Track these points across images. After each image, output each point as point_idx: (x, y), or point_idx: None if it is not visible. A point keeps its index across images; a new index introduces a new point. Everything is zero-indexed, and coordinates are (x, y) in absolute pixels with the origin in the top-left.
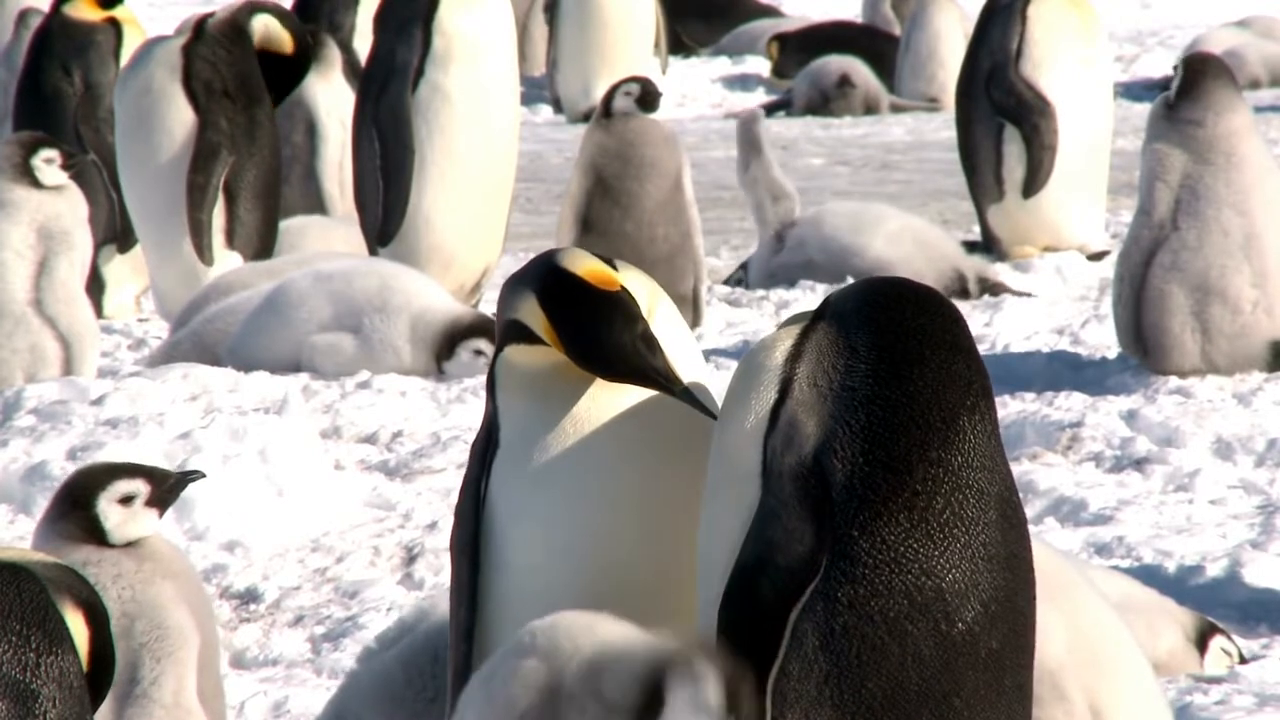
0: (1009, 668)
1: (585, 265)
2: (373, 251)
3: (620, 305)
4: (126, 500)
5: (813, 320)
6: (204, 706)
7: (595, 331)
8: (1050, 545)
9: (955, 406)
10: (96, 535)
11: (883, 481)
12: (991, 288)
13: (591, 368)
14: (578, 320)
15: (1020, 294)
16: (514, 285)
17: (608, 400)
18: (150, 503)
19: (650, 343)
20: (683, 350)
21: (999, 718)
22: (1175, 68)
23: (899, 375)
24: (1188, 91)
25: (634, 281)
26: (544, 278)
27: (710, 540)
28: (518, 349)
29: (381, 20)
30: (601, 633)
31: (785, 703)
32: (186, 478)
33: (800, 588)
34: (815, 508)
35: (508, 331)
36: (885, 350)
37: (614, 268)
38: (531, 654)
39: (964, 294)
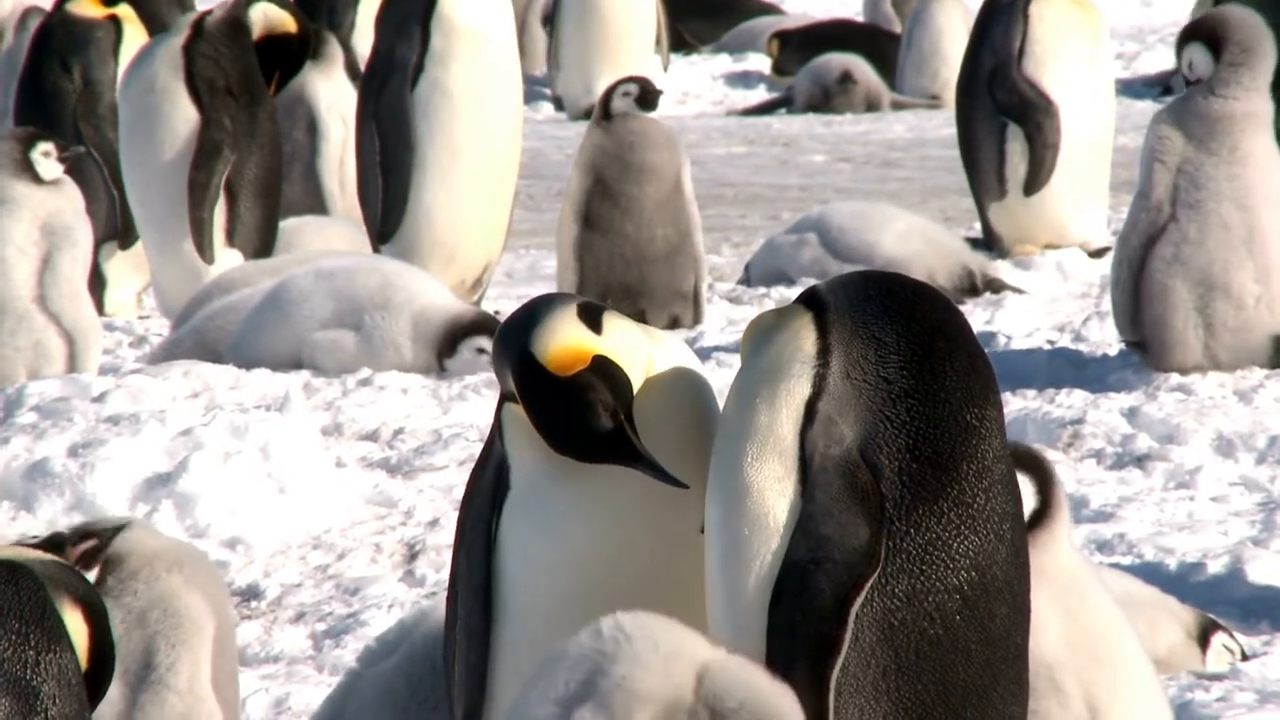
0: (1025, 662)
1: (557, 342)
2: (375, 248)
3: (579, 394)
4: None
5: (819, 311)
6: (216, 692)
7: (557, 425)
8: (1069, 541)
9: (982, 400)
10: None
11: (931, 477)
12: (990, 283)
13: (564, 454)
14: (542, 414)
15: (1018, 290)
16: (499, 352)
17: None
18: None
19: (614, 427)
20: (680, 397)
21: (1022, 711)
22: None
23: (933, 370)
24: (1234, 62)
25: (621, 337)
26: (515, 364)
27: (737, 539)
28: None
29: (382, 18)
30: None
31: (840, 696)
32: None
33: (859, 581)
34: (866, 501)
35: (505, 395)
36: (916, 345)
37: (599, 324)
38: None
39: (973, 291)
